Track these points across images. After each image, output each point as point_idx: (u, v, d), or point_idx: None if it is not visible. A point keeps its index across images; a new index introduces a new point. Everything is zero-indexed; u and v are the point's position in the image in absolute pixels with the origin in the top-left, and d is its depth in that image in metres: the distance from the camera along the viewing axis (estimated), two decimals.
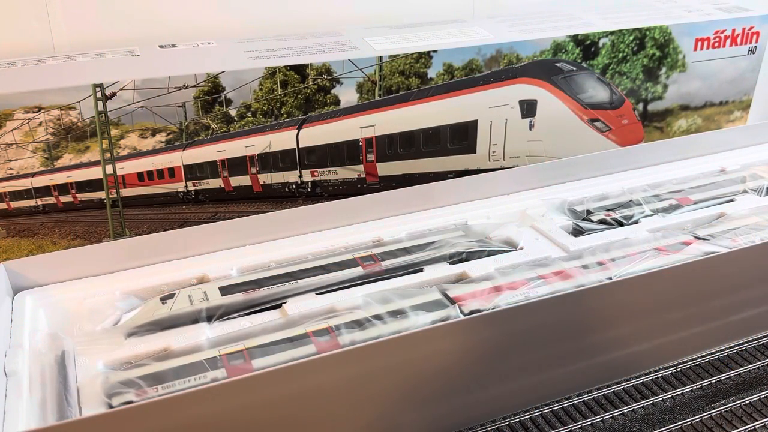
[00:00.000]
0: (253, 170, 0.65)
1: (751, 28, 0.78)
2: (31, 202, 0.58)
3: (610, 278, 0.50)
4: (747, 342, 0.55)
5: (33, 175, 0.57)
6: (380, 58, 0.64)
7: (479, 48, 0.67)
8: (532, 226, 0.58)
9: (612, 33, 0.72)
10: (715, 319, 0.53)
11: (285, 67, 0.62)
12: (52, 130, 0.56)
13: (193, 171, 0.63)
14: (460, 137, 0.69)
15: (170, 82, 0.59)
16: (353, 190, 0.67)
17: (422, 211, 0.60)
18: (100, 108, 0.57)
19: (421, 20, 0.76)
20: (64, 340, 0.45)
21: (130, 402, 0.40)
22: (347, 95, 0.64)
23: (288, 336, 0.45)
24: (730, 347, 0.54)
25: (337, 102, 0.64)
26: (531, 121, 0.71)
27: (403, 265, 0.53)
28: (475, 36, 0.69)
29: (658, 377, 0.51)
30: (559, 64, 0.71)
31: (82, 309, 0.48)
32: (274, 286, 0.50)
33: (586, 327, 0.49)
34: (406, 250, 0.55)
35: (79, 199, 0.60)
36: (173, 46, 0.66)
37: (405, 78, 0.66)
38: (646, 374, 0.51)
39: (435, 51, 0.66)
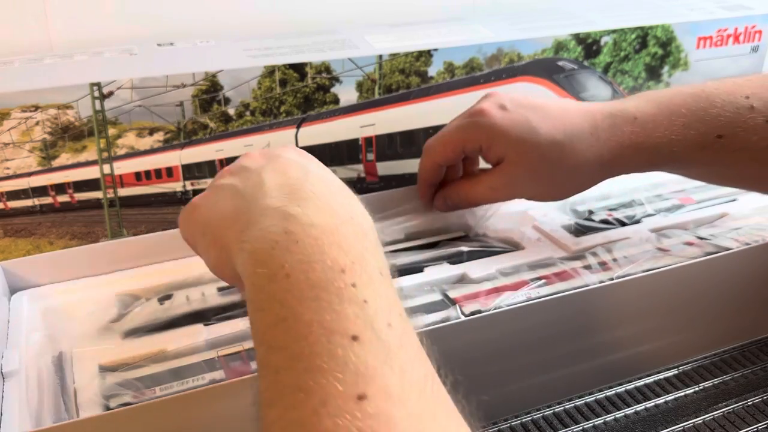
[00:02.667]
0: None
1: (753, 26, 0.77)
2: (28, 202, 0.58)
3: (613, 279, 0.50)
4: (750, 343, 0.54)
5: (30, 174, 0.57)
6: (380, 56, 0.64)
7: (480, 46, 0.67)
8: (533, 226, 0.58)
9: (614, 31, 0.72)
10: (718, 319, 0.53)
11: (284, 65, 0.61)
12: (50, 130, 0.56)
13: (192, 170, 0.62)
14: None
15: (168, 80, 0.58)
16: (353, 190, 0.66)
17: (422, 211, 0.60)
18: (98, 107, 0.57)
19: (421, 18, 0.76)
20: (62, 341, 0.45)
21: (128, 403, 0.39)
22: (347, 94, 0.64)
23: None
24: (733, 348, 0.54)
25: (336, 101, 0.64)
26: None
27: (403, 265, 0.52)
28: (476, 34, 0.69)
29: (660, 378, 0.51)
30: (560, 63, 0.71)
31: (79, 309, 0.48)
32: None
33: (588, 328, 0.48)
34: (406, 250, 0.54)
35: (76, 198, 0.59)
36: (171, 44, 0.66)
37: (405, 76, 0.66)
38: (648, 375, 0.51)
39: (435, 49, 0.66)
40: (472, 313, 0.46)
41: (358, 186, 0.66)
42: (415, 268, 0.52)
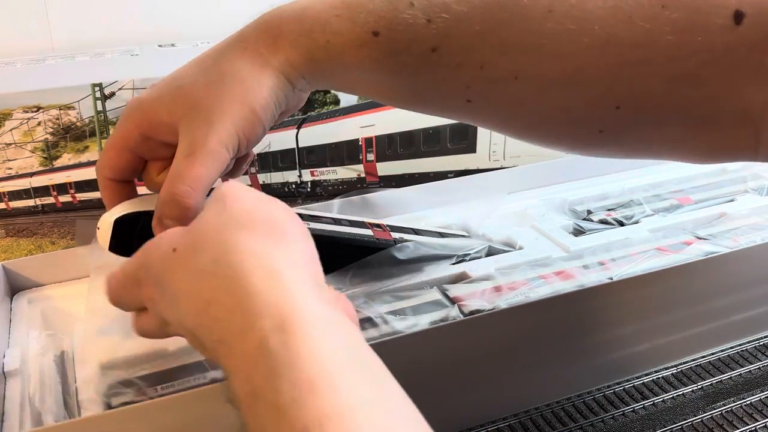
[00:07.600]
0: (253, 170, 0.64)
1: None
2: (30, 202, 0.58)
3: (611, 278, 0.50)
4: (748, 342, 0.54)
5: (32, 174, 0.57)
6: None
7: None
8: (532, 226, 0.58)
9: None
10: (716, 319, 0.53)
11: None
12: (51, 130, 0.56)
13: None
14: (461, 137, 0.69)
15: None
16: (353, 190, 0.66)
17: (422, 211, 0.60)
18: (99, 107, 0.57)
19: None
20: (63, 340, 0.45)
21: (129, 402, 0.40)
22: (347, 95, 0.64)
23: None
24: (731, 347, 0.54)
25: (336, 101, 0.64)
26: None
27: (410, 239, 0.52)
28: None
29: (658, 377, 0.51)
30: None
31: (80, 309, 0.48)
32: None
33: (586, 327, 0.49)
34: (414, 231, 0.54)
35: (78, 198, 0.60)
36: (172, 45, 0.66)
37: None
38: (646, 374, 0.51)
39: None
40: (472, 313, 0.47)
41: (358, 186, 0.67)
42: (414, 268, 0.52)
